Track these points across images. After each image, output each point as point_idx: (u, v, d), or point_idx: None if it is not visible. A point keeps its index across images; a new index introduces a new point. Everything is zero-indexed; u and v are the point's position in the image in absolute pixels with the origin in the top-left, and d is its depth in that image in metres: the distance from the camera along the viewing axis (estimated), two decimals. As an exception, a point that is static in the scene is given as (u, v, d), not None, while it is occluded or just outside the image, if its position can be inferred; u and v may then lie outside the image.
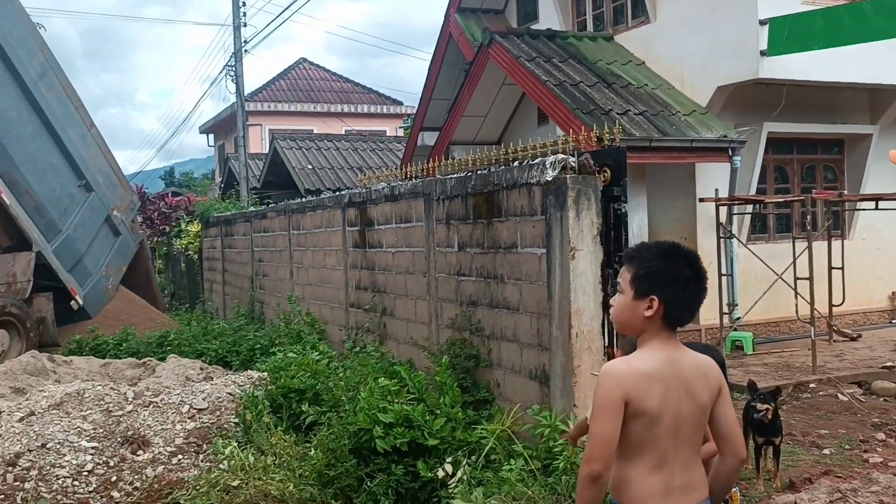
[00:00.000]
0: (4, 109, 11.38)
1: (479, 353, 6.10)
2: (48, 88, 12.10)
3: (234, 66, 21.15)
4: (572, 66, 11.04)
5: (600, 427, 2.29)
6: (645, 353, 2.39)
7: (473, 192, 6.17)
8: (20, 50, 11.61)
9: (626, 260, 2.49)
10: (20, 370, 8.91)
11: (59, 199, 12.23)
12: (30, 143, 11.77)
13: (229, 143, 30.61)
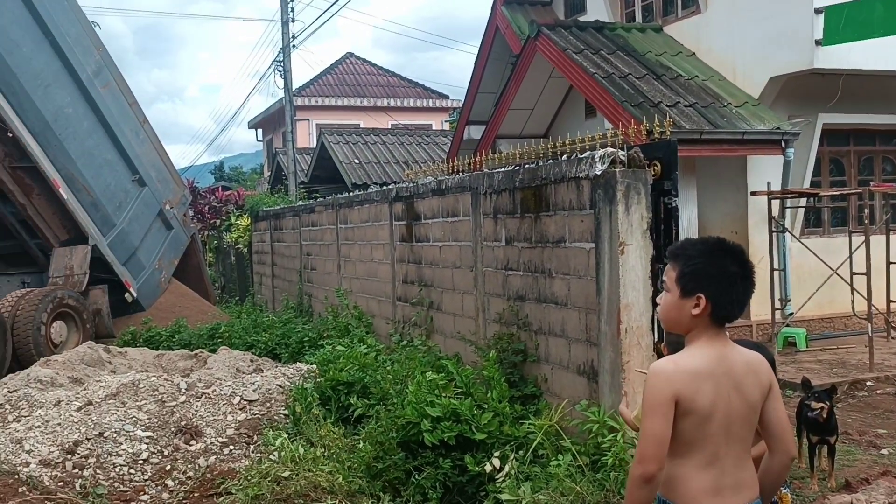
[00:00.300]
0: (62, 107, 11.66)
1: (526, 347, 6.09)
2: (104, 86, 12.37)
3: (283, 62, 21.37)
4: (621, 57, 10.91)
5: (652, 427, 2.27)
6: (694, 351, 2.36)
7: (521, 186, 6.15)
8: (77, 48, 11.88)
9: (671, 258, 2.46)
10: (77, 361, 9.16)
11: (114, 193, 12.50)
12: (86, 139, 12.05)
13: (277, 137, 30.98)
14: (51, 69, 11.49)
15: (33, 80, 11.19)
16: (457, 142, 15.41)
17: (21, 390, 7.62)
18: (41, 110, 11.25)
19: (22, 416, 6.94)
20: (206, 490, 5.33)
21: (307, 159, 23.14)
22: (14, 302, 10.65)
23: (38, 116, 11.22)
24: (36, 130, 11.17)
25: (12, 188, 11.34)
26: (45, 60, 11.41)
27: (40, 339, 10.55)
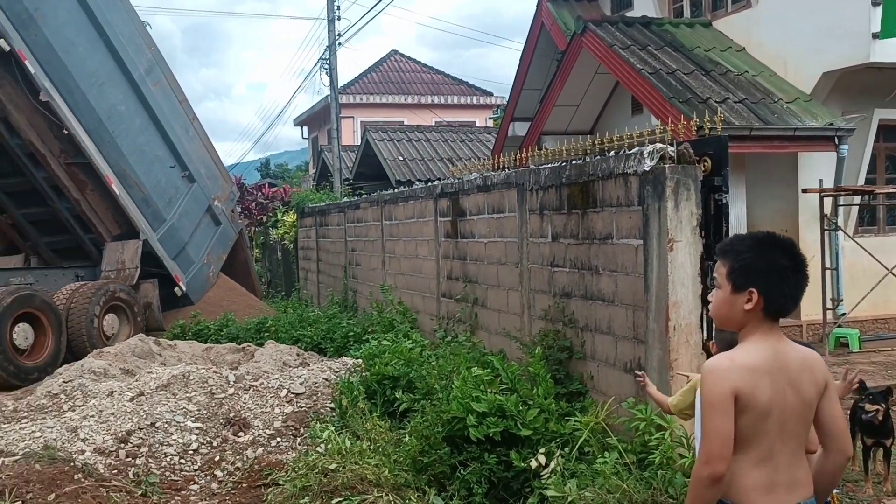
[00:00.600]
0: (115, 104, 11.91)
1: (572, 344, 6.06)
2: (155, 83, 12.60)
3: (328, 59, 21.55)
4: (668, 53, 10.78)
5: (715, 425, 2.23)
6: (748, 347, 2.33)
7: (568, 183, 6.12)
8: (130, 47, 12.13)
9: (720, 254, 2.44)
10: (129, 352, 9.38)
11: (165, 189, 12.73)
12: (138, 136, 12.29)
13: (322, 135, 31.25)
14: (105, 68, 11.75)
15: (88, 78, 11.45)
16: (501, 138, 15.38)
17: (76, 380, 7.82)
18: (95, 108, 11.51)
19: (76, 406, 7.13)
20: (254, 481, 5.41)
21: (352, 156, 23.31)
22: (69, 295, 10.93)
23: (93, 114, 11.48)
24: (90, 128, 11.43)
25: (67, 184, 11.63)
26: (99, 59, 11.67)
27: (93, 332, 10.81)
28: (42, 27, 10.81)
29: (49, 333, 10.35)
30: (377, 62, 33.87)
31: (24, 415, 7.21)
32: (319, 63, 22.26)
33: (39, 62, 10.82)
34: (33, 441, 5.84)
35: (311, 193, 19.26)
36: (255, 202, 22.56)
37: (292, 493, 4.78)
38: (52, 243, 13.03)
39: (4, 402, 7.98)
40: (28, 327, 10.16)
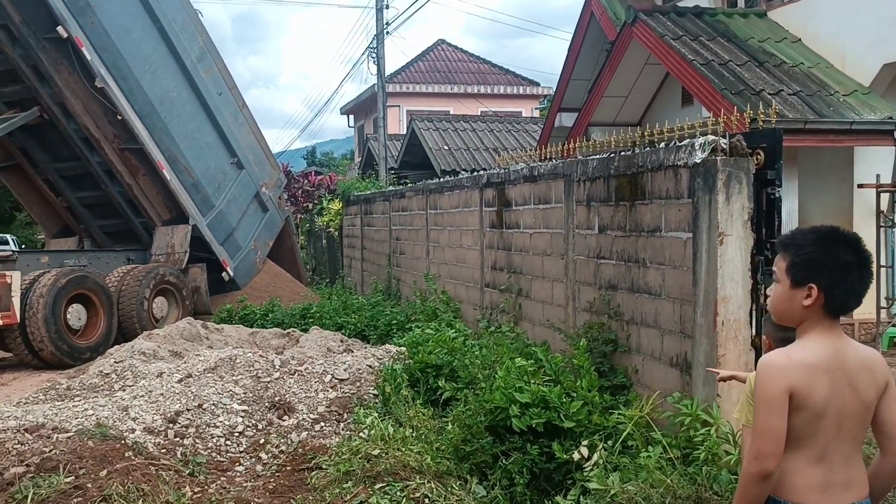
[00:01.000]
0: (168, 91, 12.12)
1: (617, 337, 6.01)
2: (206, 71, 12.78)
3: (376, 48, 21.62)
4: (721, 44, 10.59)
5: (768, 422, 2.20)
6: (806, 344, 2.28)
7: (616, 174, 6.06)
8: (182, 35, 12.31)
9: (781, 247, 2.39)
10: (177, 335, 9.57)
11: (214, 175, 12.92)
12: (188, 122, 12.49)
13: (368, 123, 31.41)
14: (158, 55, 11.95)
15: (142, 65, 11.66)
16: (548, 129, 15.29)
17: (126, 361, 8.01)
18: (148, 94, 11.72)
19: (127, 386, 7.30)
20: (298, 464, 5.47)
21: (397, 145, 23.40)
22: (120, 277, 11.19)
23: (146, 100, 11.70)
24: (143, 113, 11.66)
25: (120, 168, 11.88)
26: (153, 46, 11.87)
27: (143, 314, 11.06)
28: (98, 14, 11.04)
29: (101, 314, 10.62)
30: (424, 51, 33.88)
31: (77, 393, 7.41)
32: (367, 52, 22.36)
33: (95, 49, 11.05)
34: (86, 418, 6.00)
35: (356, 182, 19.39)
36: (302, 190, 22.79)
37: (336, 478, 4.83)
38: (104, 226, 13.33)
39: (58, 381, 8.22)
40: (81, 308, 10.44)
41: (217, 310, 12.55)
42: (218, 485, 5.10)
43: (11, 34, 10.86)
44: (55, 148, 12.34)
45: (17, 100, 11.81)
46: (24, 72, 11.21)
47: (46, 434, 5.61)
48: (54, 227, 13.79)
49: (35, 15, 10.70)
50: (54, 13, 10.54)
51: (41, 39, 10.86)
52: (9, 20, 10.69)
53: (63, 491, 4.39)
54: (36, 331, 9.70)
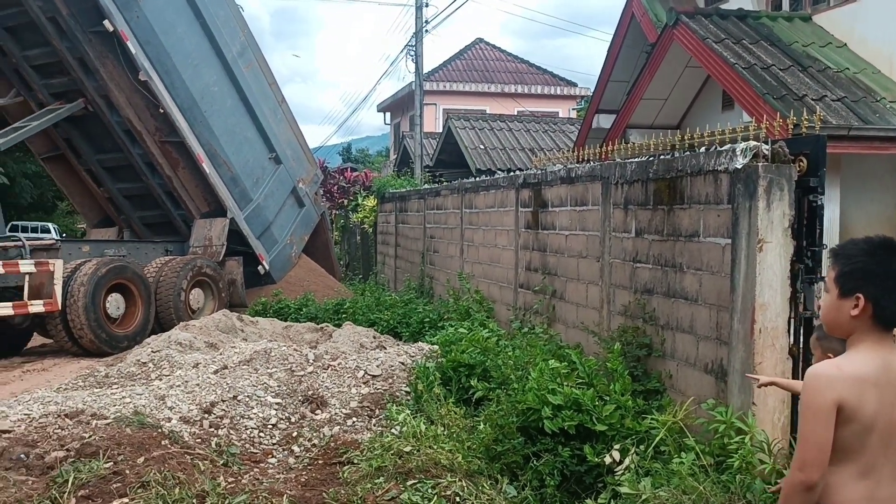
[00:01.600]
0: (209, 85, 12.27)
1: (651, 342, 5.98)
2: (247, 66, 12.91)
3: (415, 46, 21.68)
4: (764, 48, 10.46)
5: (814, 432, 2.17)
6: (855, 356, 2.25)
7: (655, 178, 6.02)
8: (224, 29, 12.46)
9: (832, 257, 2.37)
10: (213, 327, 9.70)
11: (252, 170, 13.06)
12: (229, 116, 12.64)
13: (405, 121, 31.51)
14: (200, 49, 12.11)
15: (184, 59, 11.82)
16: (585, 130, 15.22)
17: (163, 351, 8.15)
18: (190, 88, 11.88)
19: (163, 375, 7.42)
20: (330, 458, 5.52)
21: (433, 143, 23.45)
22: (158, 268, 11.36)
23: (187, 94, 11.86)
24: (184, 107, 11.82)
25: (161, 161, 12.07)
26: (195, 41, 12.03)
27: (180, 305, 11.22)
28: (143, 8, 11.22)
29: (139, 304, 10.79)
30: (462, 50, 33.90)
31: (115, 381, 7.55)
32: (405, 49, 22.43)
33: (140, 42, 11.23)
34: (123, 406, 6.11)
35: (391, 179, 19.48)
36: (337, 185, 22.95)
37: (367, 473, 4.87)
38: (144, 218, 13.54)
39: (97, 368, 8.39)
40: (120, 297, 10.62)
41: (252, 303, 12.69)
42: (251, 476, 5.16)
43: (59, 27, 11.09)
44: (98, 139, 12.57)
45: (63, 91, 12.06)
46: (71, 64, 11.43)
47: (86, 420, 5.73)
48: (95, 218, 14.06)
49: (82, 8, 10.91)
50: (101, 7, 10.73)
51: (88, 32, 11.07)
52: (57, 13, 10.91)
53: (102, 476, 4.48)
54: (76, 318, 9.89)
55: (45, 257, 10.05)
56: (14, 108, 12.55)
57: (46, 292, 9.66)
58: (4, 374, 9.01)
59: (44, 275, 9.67)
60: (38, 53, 11.70)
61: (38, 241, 11.02)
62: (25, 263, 9.58)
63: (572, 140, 18.21)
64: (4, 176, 24.57)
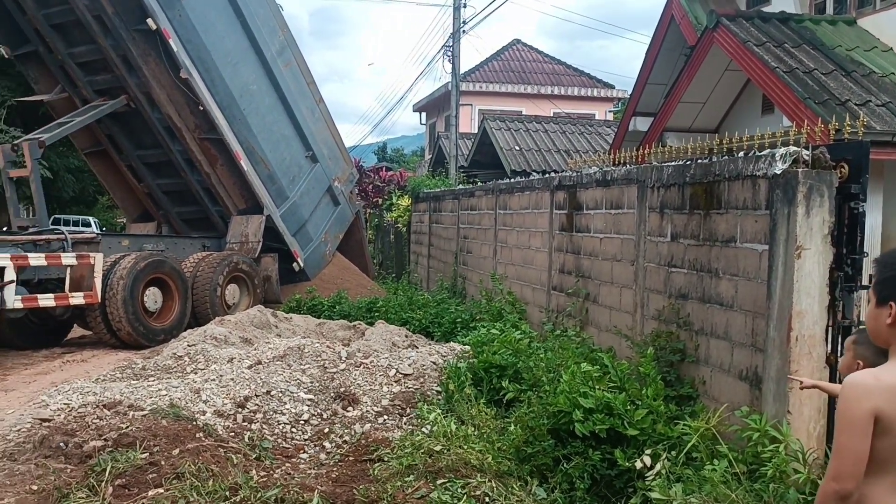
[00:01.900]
0: (248, 83, 12.40)
1: (685, 347, 5.93)
2: (286, 64, 13.03)
3: (452, 47, 21.71)
4: (806, 51, 10.30)
5: (849, 442, 2.14)
6: (893, 366, 2.23)
7: (692, 182, 5.97)
8: (264, 29, 12.59)
9: (873, 265, 2.35)
10: (248, 322, 9.82)
11: (289, 168, 13.17)
12: (267, 114, 12.76)
13: (440, 121, 31.55)
14: (240, 48, 12.25)
15: (224, 57, 11.97)
16: (621, 133, 15.12)
17: (199, 345, 8.27)
18: (229, 86, 12.01)
19: (199, 369, 7.54)
20: (361, 455, 5.56)
21: (468, 144, 23.45)
22: (195, 264, 11.52)
23: (227, 92, 12.00)
24: (224, 105, 11.96)
25: (200, 158, 12.23)
26: (235, 39, 12.18)
27: (216, 300, 11.36)
28: (185, 7, 11.38)
29: (176, 298, 10.95)
30: (499, 51, 33.83)
31: (152, 373, 7.69)
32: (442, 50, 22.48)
33: (181, 41, 11.39)
34: (159, 398, 6.22)
35: (426, 179, 19.52)
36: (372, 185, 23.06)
37: (398, 471, 4.90)
38: (182, 213, 13.74)
39: (134, 360, 8.54)
40: (158, 291, 10.78)
41: (286, 299, 12.81)
42: (283, 470, 5.22)
43: (104, 25, 11.30)
44: (139, 136, 12.79)
45: (106, 88, 12.28)
46: (114, 61, 11.63)
47: (123, 411, 5.85)
48: (135, 212, 14.29)
49: (126, 7, 11.10)
50: (144, 5, 10.91)
51: (131, 30, 11.26)
52: (102, 11, 11.11)
53: (139, 466, 4.57)
54: (115, 311, 10.06)
55: (85, 250, 10.24)
56: (59, 103, 12.84)
57: (87, 285, 9.85)
58: (46, 364, 9.22)
59: (84, 267, 9.86)
60: (84, 51, 11.93)
61: (80, 235, 11.23)
62: (67, 256, 9.78)
63: (609, 142, 18.10)
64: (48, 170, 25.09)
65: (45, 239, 10.15)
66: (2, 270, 8.86)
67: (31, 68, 12.82)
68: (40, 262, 9.45)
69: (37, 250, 9.80)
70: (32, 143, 11.00)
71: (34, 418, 5.87)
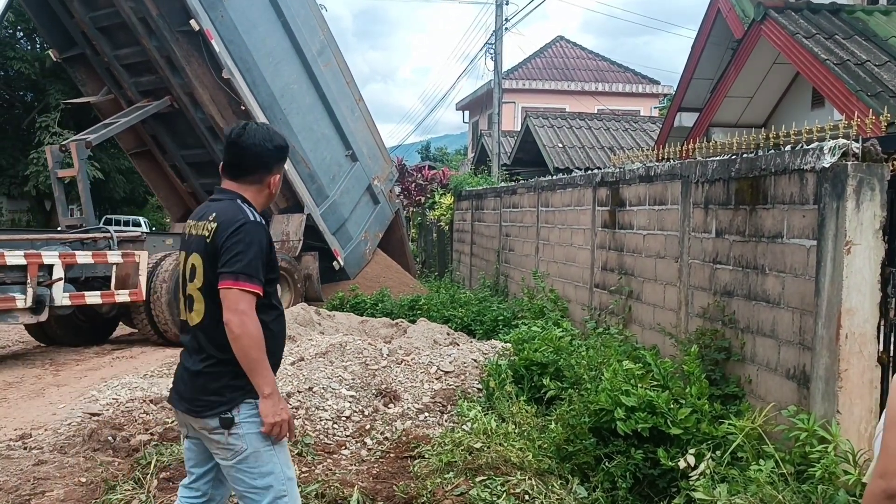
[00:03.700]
0: (289, 83, 12.49)
1: (730, 345, 5.82)
2: (326, 64, 13.10)
3: (494, 44, 21.65)
4: (858, 43, 10.03)
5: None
6: None
7: (737, 177, 5.85)
8: (305, 28, 12.68)
9: None
10: (291, 320, 9.89)
11: (329, 167, 13.23)
12: (307, 114, 12.83)
13: (483, 119, 31.51)
14: (281, 48, 12.34)
15: (266, 57, 12.07)
16: (666, 129, 14.91)
17: (243, 342, 8.35)
18: (271, 86, 12.11)
19: (243, 365, 7.61)
20: (402, 452, 5.57)
21: (511, 142, 23.38)
22: (239, 262, 11.62)
23: (268, 92, 12.09)
24: (265, 105, 12.04)
25: (242, 158, 12.35)
26: (276, 39, 12.28)
27: (260, 298, 11.45)
28: (227, 8, 11.51)
29: (219, 297, 11.03)
30: (542, 48, 33.66)
31: (197, 369, 7.79)
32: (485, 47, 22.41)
33: (224, 41, 11.52)
34: (204, 394, 6.30)
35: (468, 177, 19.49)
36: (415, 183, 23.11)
37: (438, 467, 4.89)
38: None
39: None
40: (201, 290, 10.87)
41: (329, 297, 12.89)
42: (324, 466, 5.25)
43: (149, 27, 11.49)
44: (183, 136, 12.97)
45: (150, 89, 12.49)
46: (159, 62, 11.82)
47: (169, 406, 5.93)
48: (178, 212, 14.47)
49: (170, 9, 11.28)
50: (188, 7, 11.07)
51: (175, 32, 11.43)
52: (147, 14, 11.31)
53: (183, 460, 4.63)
54: (160, 314, 10.16)
55: (131, 248, 10.41)
56: (105, 105, 13.09)
57: (132, 282, 10.00)
58: (96, 360, 9.42)
59: (130, 266, 10.02)
60: (129, 52, 12.14)
61: (125, 234, 11.42)
62: (113, 254, 9.93)
63: (653, 139, 17.88)
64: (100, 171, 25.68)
65: (92, 237, 10.34)
66: (50, 268, 9.05)
67: (78, 71, 13.09)
68: (87, 260, 9.62)
69: (84, 248, 9.98)
70: (79, 143, 11.22)
71: (84, 413, 6.01)
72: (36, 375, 8.46)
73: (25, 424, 6.15)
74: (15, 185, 28.37)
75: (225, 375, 2.94)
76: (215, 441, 2.98)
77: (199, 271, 2.99)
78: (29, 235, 10.22)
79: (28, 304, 8.76)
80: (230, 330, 2.83)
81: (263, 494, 2.98)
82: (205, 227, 3.03)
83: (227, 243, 2.89)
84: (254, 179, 3.17)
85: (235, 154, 3.14)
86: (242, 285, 2.83)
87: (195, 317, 3.00)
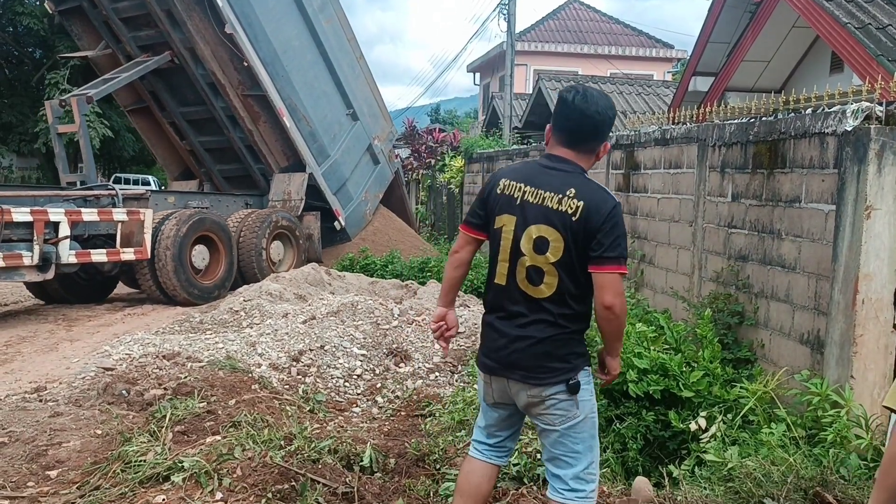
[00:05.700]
0: (290, 39, 12.18)
1: (744, 310, 5.80)
2: (327, 20, 12.80)
3: (507, 5, 21.34)
4: (880, 6, 9.84)
5: None
6: None
7: (755, 140, 5.78)
8: None
9: None
10: (302, 279, 9.93)
11: (330, 125, 12.98)
12: (308, 71, 12.52)
13: (494, 82, 31.21)
14: (282, 3, 12.02)
15: (268, 13, 11.76)
16: (681, 93, 14.73)
17: (254, 300, 8.39)
18: (272, 42, 11.81)
19: (254, 324, 7.66)
20: (412, 410, 5.60)
21: (522, 105, 23.16)
22: (240, 221, 11.54)
23: (270, 48, 11.80)
24: (267, 61, 11.77)
25: (243, 114, 12.15)
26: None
27: (262, 257, 11.39)
28: None
29: (223, 256, 10.89)
30: (555, 10, 33.15)
31: (209, 327, 7.84)
32: (497, 8, 22.10)
33: (226, -5, 11.27)
34: (216, 351, 6.34)
35: (479, 140, 19.34)
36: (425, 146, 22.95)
37: (449, 425, 4.92)
38: (224, 171, 13.61)
39: (191, 314, 8.72)
40: (204, 248, 10.74)
41: (339, 258, 12.88)
42: (335, 423, 5.28)
43: (148, -22, 11.25)
44: (182, 92, 12.72)
45: (150, 44, 12.20)
46: (159, 16, 11.54)
47: (181, 362, 5.98)
48: (176, 170, 14.23)
49: (171, -39, 11.03)
50: (189, -41, 10.81)
51: (175, -16, 11.18)
52: (147, -35, 11.06)
53: (197, 414, 4.67)
54: (164, 268, 10.03)
55: (136, 206, 10.31)
56: (102, 60, 12.77)
57: (136, 240, 9.90)
58: (109, 317, 9.47)
59: (134, 223, 9.89)
60: (128, 6, 11.84)
61: (130, 191, 11.30)
62: (118, 212, 9.82)
63: (667, 103, 17.69)
64: (109, 129, 25.61)
65: (96, 195, 10.25)
66: (57, 225, 8.96)
67: (74, 24, 12.71)
68: (93, 218, 9.51)
69: (88, 206, 9.90)
70: (80, 98, 11.03)
71: (98, 367, 6.05)
72: (49, 331, 8.52)
73: (40, 378, 6.21)
74: (25, 143, 28.33)
75: (571, 343, 2.98)
76: (549, 407, 2.99)
77: (555, 246, 2.91)
78: (34, 192, 10.09)
79: (35, 262, 8.66)
80: (614, 313, 2.87)
81: (581, 459, 3.02)
82: (563, 201, 2.91)
83: (606, 226, 2.85)
84: (591, 148, 3.04)
85: (578, 122, 2.99)
86: (623, 269, 2.89)
87: (545, 290, 2.94)
